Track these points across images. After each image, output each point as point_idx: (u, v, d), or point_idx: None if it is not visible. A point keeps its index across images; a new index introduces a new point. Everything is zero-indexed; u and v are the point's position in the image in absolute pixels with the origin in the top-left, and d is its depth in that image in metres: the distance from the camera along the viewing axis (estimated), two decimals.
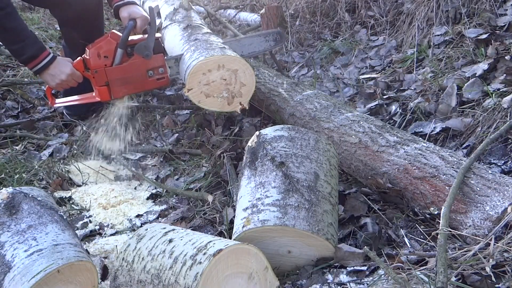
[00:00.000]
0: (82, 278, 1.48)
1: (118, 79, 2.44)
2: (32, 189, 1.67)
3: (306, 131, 1.74)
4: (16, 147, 2.75)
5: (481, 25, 2.70)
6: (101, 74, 2.42)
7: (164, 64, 2.51)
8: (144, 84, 2.50)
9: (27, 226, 1.51)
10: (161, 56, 2.50)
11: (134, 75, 2.46)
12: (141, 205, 2.23)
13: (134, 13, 2.51)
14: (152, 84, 2.52)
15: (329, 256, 1.53)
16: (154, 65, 2.48)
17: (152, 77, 2.49)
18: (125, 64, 2.44)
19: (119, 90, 2.47)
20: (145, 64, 2.46)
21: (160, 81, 2.52)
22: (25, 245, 1.45)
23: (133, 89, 2.53)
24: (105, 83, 2.44)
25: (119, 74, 2.43)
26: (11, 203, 1.56)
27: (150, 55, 2.44)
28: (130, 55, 2.45)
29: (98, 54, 2.41)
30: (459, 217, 1.51)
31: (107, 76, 2.42)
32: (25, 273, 1.38)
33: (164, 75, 2.51)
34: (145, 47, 2.42)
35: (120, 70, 2.43)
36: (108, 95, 2.47)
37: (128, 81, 2.46)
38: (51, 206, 1.62)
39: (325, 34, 3.76)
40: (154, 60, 2.47)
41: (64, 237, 1.51)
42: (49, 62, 2.43)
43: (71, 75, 2.45)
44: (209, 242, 1.34)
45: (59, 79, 2.45)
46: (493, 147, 1.87)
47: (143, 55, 2.43)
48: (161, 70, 2.50)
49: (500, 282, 1.23)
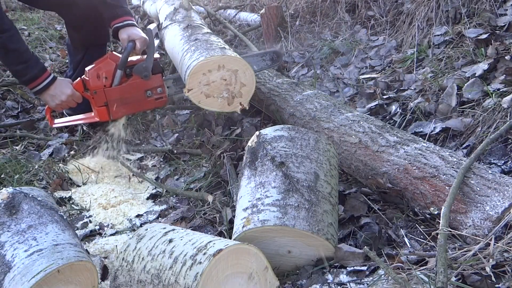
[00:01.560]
0: (82, 278, 1.48)
1: (117, 100, 2.46)
2: (32, 189, 1.67)
3: (306, 131, 1.74)
4: (16, 147, 2.75)
5: (481, 25, 2.70)
6: (100, 94, 2.44)
7: (162, 84, 2.53)
8: (142, 104, 2.52)
9: (27, 226, 1.51)
10: (159, 77, 2.52)
11: (133, 96, 2.48)
12: (141, 205, 2.23)
13: (134, 35, 2.54)
14: (151, 104, 2.55)
15: (329, 256, 1.53)
16: (152, 85, 2.50)
17: (150, 97, 2.51)
18: (124, 85, 2.46)
19: (118, 110, 2.49)
20: (143, 85, 2.48)
21: (158, 101, 2.54)
22: (25, 245, 1.45)
23: (132, 109, 2.56)
24: (104, 103, 2.46)
25: (118, 95, 2.46)
26: (11, 203, 1.56)
27: (149, 75, 2.46)
28: (129, 76, 2.48)
29: (98, 75, 2.43)
30: (459, 217, 1.51)
31: (106, 96, 2.45)
32: (25, 273, 1.38)
33: (163, 95, 2.54)
34: (144, 68, 2.45)
35: (119, 90, 2.45)
36: (107, 115, 2.49)
37: (127, 102, 2.48)
38: (51, 206, 1.63)
39: (325, 34, 3.76)
40: (152, 80, 2.49)
41: (64, 237, 1.52)
42: (50, 83, 2.45)
43: (71, 95, 2.47)
44: (209, 242, 1.34)
45: (59, 100, 2.47)
46: (493, 147, 1.87)
47: (142, 75, 2.45)
48: (160, 90, 2.52)
49: (500, 282, 1.23)
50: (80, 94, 2.49)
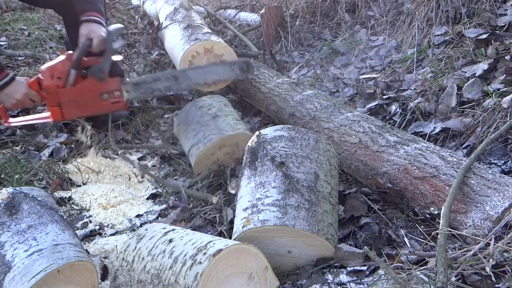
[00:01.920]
0: (82, 278, 1.49)
1: (69, 101, 2.39)
2: (32, 189, 1.67)
3: (306, 131, 1.74)
4: (16, 147, 2.75)
5: (481, 25, 2.70)
6: (52, 95, 2.37)
7: (119, 88, 2.43)
8: (97, 107, 2.44)
9: (27, 226, 1.51)
10: (117, 80, 2.43)
11: (87, 98, 2.40)
12: (141, 205, 2.23)
13: (93, 32, 2.41)
14: (107, 108, 2.46)
15: (329, 256, 1.53)
16: (109, 88, 2.41)
17: (107, 100, 2.42)
18: (78, 86, 2.38)
19: (70, 111, 2.42)
20: (99, 87, 2.40)
21: (115, 105, 2.45)
22: (25, 245, 1.45)
23: (86, 112, 2.49)
24: (57, 104, 2.39)
25: (71, 96, 2.38)
26: (11, 203, 1.56)
27: (105, 78, 2.38)
28: (84, 77, 2.40)
29: (52, 75, 2.36)
30: (459, 217, 1.51)
31: (59, 97, 2.38)
32: (25, 273, 1.38)
33: (120, 99, 2.44)
34: (100, 70, 2.36)
35: (72, 92, 2.37)
36: (60, 115, 2.42)
37: (80, 103, 2.40)
38: (51, 206, 1.63)
39: (325, 34, 3.76)
40: (109, 83, 2.40)
41: (64, 237, 1.52)
42: (7, 83, 2.39)
43: (27, 94, 2.40)
44: (209, 242, 1.34)
45: (14, 99, 2.41)
46: (493, 147, 1.87)
47: (97, 78, 2.37)
48: (117, 94, 2.43)
49: (500, 282, 1.23)
50: (36, 93, 2.41)
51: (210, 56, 2.69)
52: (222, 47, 2.71)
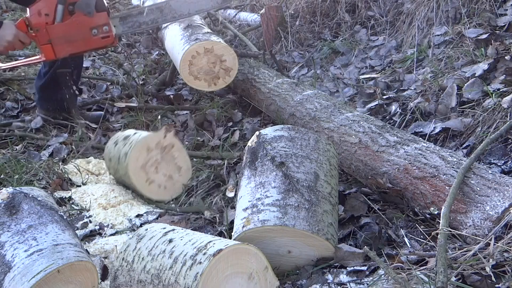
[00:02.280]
0: (82, 278, 1.48)
1: (60, 37, 2.42)
2: (32, 189, 1.67)
3: (306, 131, 1.74)
4: (16, 146, 2.75)
5: (481, 25, 2.70)
6: (42, 32, 2.40)
7: (108, 22, 2.48)
8: (88, 42, 2.48)
9: (27, 226, 1.50)
10: (104, 14, 2.47)
11: (77, 33, 2.44)
12: (141, 205, 2.23)
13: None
14: (97, 43, 2.51)
15: (329, 256, 1.53)
16: (97, 23, 2.45)
17: (96, 36, 2.47)
18: (67, 22, 2.41)
19: (62, 48, 2.45)
20: (88, 22, 2.43)
21: (105, 40, 2.50)
22: (25, 245, 1.45)
23: (77, 48, 2.51)
24: (48, 41, 2.41)
25: (61, 32, 2.41)
26: (11, 203, 1.56)
27: (92, 12, 2.41)
28: (71, 12, 2.42)
29: (39, 12, 2.38)
30: (459, 217, 1.51)
31: (49, 34, 2.40)
32: (25, 273, 1.38)
33: (109, 34, 2.49)
34: (87, 5, 2.39)
35: (62, 27, 2.40)
36: (52, 53, 2.45)
37: (71, 39, 2.43)
38: (51, 206, 1.62)
39: (325, 34, 3.76)
40: (97, 18, 2.44)
41: (64, 237, 1.51)
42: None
43: (16, 35, 2.41)
44: (209, 242, 1.34)
45: (5, 42, 2.41)
46: (493, 147, 1.87)
47: (84, 12, 2.40)
48: (106, 28, 2.47)
49: (500, 282, 1.23)
50: (25, 34, 2.44)
51: (210, 56, 2.69)
52: (222, 47, 2.71)
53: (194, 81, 2.73)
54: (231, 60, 2.74)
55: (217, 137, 2.74)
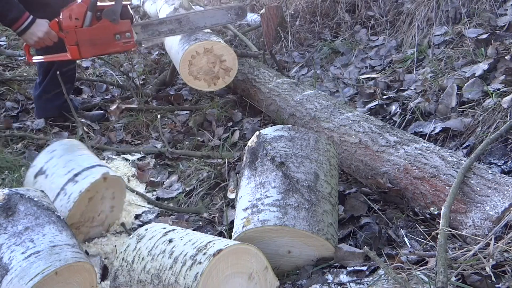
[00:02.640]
0: (81, 278, 1.48)
1: (87, 40, 2.65)
2: (28, 190, 1.65)
3: (306, 131, 1.74)
4: (16, 145, 2.76)
5: (481, 25, 2.70)
6: (71, 34, 2.63)
7: (130, 29, 2.70)
8: (111, 46, 2.71)
9: (24, 227, 1.49)
10: (128, 22, 2.69)
11: (102, 38, 2.66)
12: (141, 205, 2.23)
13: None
14: (119, 47, 2.73)
15: (329, 256, 1.53)
16: (121, 29, 2.67)
17: (119, 41, 2.69)
18: (94, 27, 2.64)
19: (87, 50, 2.68)
20: (112, 28, 2.66)
21: (126, 45, 2.72)
22: (22, 247, 1.44)
23: (101, 51, 2.75)
24: (75, 43, 2.64)
25: (88, 36, 2.64)
26: (7, 204, 1.54)
27: (117, 20, 2.64)
28: (99, 18, 2.64)
29: (70, 16, 2.62)
30: (459, 217, 1.51)
31: (77, 36, 2.64)
32: (22, 275, 1.37)
33: (131, 40, 2.71)
34: (113, 12, 2.62)
35: (89, 31, 2.64)
36: (78, 54, 2.68)
37: (96, 43, 2.66)
38: (48, 206, 1.60)
39: (325, 34, 3.76)
40: (121, 25, 2.66)
41: (62, 238, 1.50)
42: (30, 23, 2.64)
43: (47, 33, 2.66)
44: (209, 242, 1.34)
45: (37, 37, 2.66)
46: (493, 147, 1.87)
47: (110, 19, 2.63)
48: (128, 35, 2.69)
49: (500, 282, 1.23)
50: (55, 33, 2.67)
51: (210, 56, 2.70)
52: (222, 47, 2.71)
53: (194, 81, 2.74)
54: (230, 60, 2.74)
55: (217, 137, 2.74)
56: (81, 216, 1.89)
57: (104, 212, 1.99)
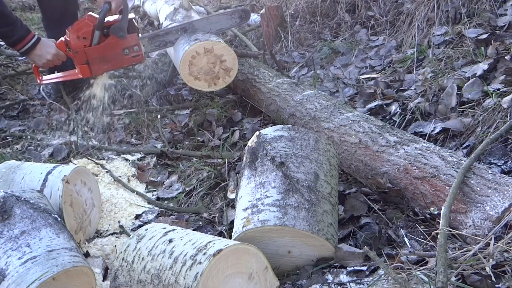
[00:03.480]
0: (79, 282, 1.46)
1: (96, 58, 2.65)
2: (24, 191, 1.63)
3: (306, 131, 1.74)
4: (16, 145, 2.76)
5: (481, 25, 2.70)
6: (81, 54, 2.64)
7: (138, 43, 2.71)
8: (121, 61, 2.72)
9: (20, 232, 1.47)
10: (135, 36, 2.70)
11: (111, 54, 2.67)
12: (140, 205, 2.23)
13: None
14: (128, 61, 2.74)
15: (329, 256, 1.53)
16: (129, 44, 2.68)
17: (128, 55, 2.70)
18: (102, 44, 2.65)
19: (98, 67, 2.69)
20: (120, 44, 2.66)
21: (135, 58, 2.73)
22: (19, 252, 1.42)
23: (111, 66, 2.75)
24: (85, 61, 2.65)
25: (97, 54, 2.65)
26: (2, 207, 1.51)
27: (125, 35, 2.64)
28: (106, 35, 2.65)
29: (78, 36, 2.62)
30: (459, 217, 1.51)
31: (87, 55, 2.64)
32: (19, 282, 1.36)
33: (139, 53, 2.72)
34: (120, 28, 2.62)
35: (98, 50, 2.64)
36: (89, 72, 2.69)
37: (106, 60, 2.67)
38: (45, 208, 1.58)
39: (325, 34, 3.76)
40: (128, 39, 2.67)
41: (59, 242, 1.48)
42: (35, 43, 2.69)
43: (56, 55, 2.72)
44: (209, 242, 1.34)
45: (45, 59, 2.72)
46: (493, 147, 1.87)
47: (118, 35, 2.63)
48: (136, 48, 2.71)
49: (500, 282, 1.23)
50: (64, 53, 2.70)
51: (210, 56, 2.70)
52: (222, 47, 2.71)
53: (194, 81, 2.74)
54: (231, 60, 2.74)
55: (217, 137, 2.74)
56: (76, 219, 1.88)
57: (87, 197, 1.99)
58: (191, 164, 2.50)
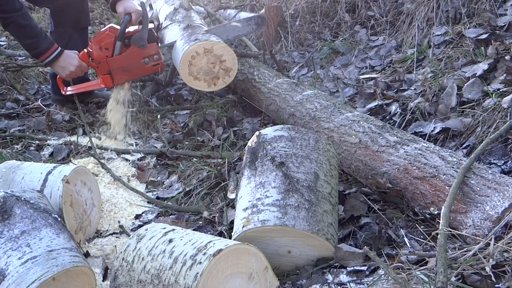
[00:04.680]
0: (79, 282, 1.46)
1: (118, 68, 2.74)
2: (24, 191, 1.63)
3: (306, 131, 1.74)
4: (16, 145, 2.76)
5: (481, 25, 2.70)
6: (103, 64, 2.73)
7: (158, 51, 2.79)
8: (141, 70, 2.81)
9: (20, 232, 1.47)
10: (155, 45, 2.79)
11: (132, 63, 2.75)
12: (140, 205, 2.23)
13: (129, 8, 2.80)
14: (149, 70, 2.83)
15: (329, 256, 1.53)
16: (149, 53, 2.76)
17: (148, 64, 2.78)
18: (124, 54, 2.73)
19: (120, 77, 2.78)
20: (141, 53, 2.75)
21: (155, 67, 2.83)
22: (19, 252, 1.42)
23: (133, 75, 2.84)
24: (107, 72, 2.75)
25: (119, 64, 2.74)
26: (3, 207, 1.51)
27: (145, 45, 2.73)
28: (127, 46, 2.74)
29: (100, 47, 2.72)
30: (459, 217, 1.51)
31: (109, 66, 2.73)
32: (19, 282, 1.36)
33: (159, 61, 2.81)
34: (140, 38, 2.71)
35: (119, 60, 2.73)
36: (111, 82, 2.78)
37: (127, 69, 2.76)
38: (45, 208, 1.58)
39: (325, 34, 3.76)
40: (149, 49, 2.76)
41: (59, 242, 1.48)
42: (58, 55, 2.74)
43: (79, 66, 2.78)
44: (209, 242, 1.34)
45: (68, 71, 2.77)
46: (493, 147, 1.87)
47: (139, 45, 2.72)
48: (156, 57, 2.79)
49: (500, 282, 1.23)
50: (86, 65, 2.79)
51: (210, 56, 2.70)
52: (222, 47, 2.71)
53: (194, 81, 2.74)
54: (230, 60, 2.74)
55: (217, 137, 2.74)
56: (76, 219, 1.88)
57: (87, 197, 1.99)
58: (191, 164, 2.49)
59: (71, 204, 1.86)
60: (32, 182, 1.89)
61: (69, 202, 1.85)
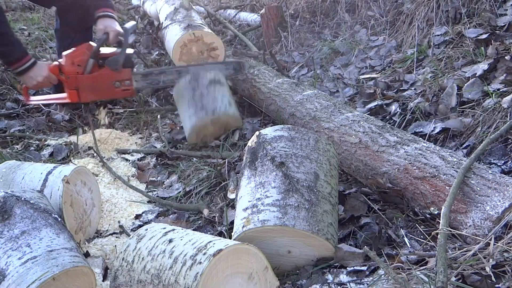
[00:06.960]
0: (79, 282, 1.46)
1: (87, 86, 2.73)
2: (25, 192, 1.63)
3: (306, 131, 1.74)
4: (16, 145, 2.76)
5: (481, 25, 2.70)
6: (72, 80, 2.72)
7: (130, 78, 2.77)
8: (110, 93, 2.79)
9: (20, 232, 1.46)
10: (128, 71, 2.76)
11: (102, 85, 2.74)
12: (140, 205, 2.23)
13: (109, 27, 2.81)
14: (118, 94, 2.83)
15: (329, 256, 1.53)
16: (121, 77, 2.75)
17: (118, 88, 2.76)
18: (95, 74, 2.72)
19: (87, 95, 2.77)
20: (113, 76, 2.73)
21: (125, 92, 2.81)
22: (19, 252, 1.42)
23: (100, 96, 2.84)
24: (75, 87, 2.73)
25: (88, 82, 2.72)
26: (3, 207, 1.51)
27: (119, 69, 2.71)
28: (101, 66, 2.73)
29: (72, 62, 2.71)
30: (459, 217, 1.51)
31: (78, 82, 2.72)
32: (19, 282, 1.36)
33: (130, 88, 2.78)
34: (115, 62, 2.70)
35: (89, 78, 2.72)
36: (77, 98, 2.76)
37: (96, 89, 2.74)
38: (45, 208, 1.58)
39: (325, 34, 3.76)
40: (122, 73, 2.74)
41: (59, 242, 1.48)
42: (30, 66, 2.72)
43: (47, 77, 2.75)
44: (209, 242, 1.34)
45: (36, 81, 2.75)
46: (493, 147, 1.87)
47: (112, 68, 2.71)
48: (127, 82, 2.77)
49: (500, 282, 1.23)
50: (55, 77, 2.75)
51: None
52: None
53: None
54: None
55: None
56: (76, 219, 1.88)
57: (87, 197, 1.99)
58: (191, 164, 2.49)
59: (71, 204, 1.86)
60: (32, 182, 1.89)
61: (69, 202, 1.85)
